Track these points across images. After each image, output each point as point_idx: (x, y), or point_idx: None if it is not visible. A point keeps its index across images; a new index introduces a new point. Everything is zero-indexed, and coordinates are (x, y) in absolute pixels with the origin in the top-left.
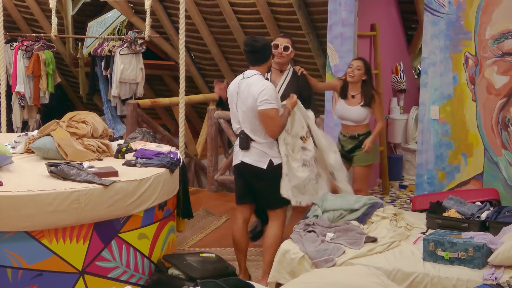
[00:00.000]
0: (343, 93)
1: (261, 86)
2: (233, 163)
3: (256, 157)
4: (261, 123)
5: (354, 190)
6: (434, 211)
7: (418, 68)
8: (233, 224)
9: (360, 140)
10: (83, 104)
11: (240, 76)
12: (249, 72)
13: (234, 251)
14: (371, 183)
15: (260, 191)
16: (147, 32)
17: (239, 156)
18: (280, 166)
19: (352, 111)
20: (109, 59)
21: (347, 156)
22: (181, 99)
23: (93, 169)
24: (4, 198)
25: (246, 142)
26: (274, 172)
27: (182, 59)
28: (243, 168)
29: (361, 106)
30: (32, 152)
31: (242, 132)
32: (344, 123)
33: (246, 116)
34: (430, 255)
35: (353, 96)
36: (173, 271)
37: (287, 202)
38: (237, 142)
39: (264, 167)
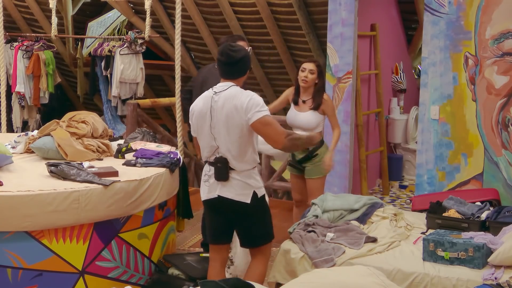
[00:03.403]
0: (295, 99)
1: (246, 96)
2: (204, 197)
3: (238, 189)
4: (262, 135)
5: (309, 204)
6: (434, 211)
7: (418, 68)
8: (210, 267)
9: (311, 151)
10: (83, 104)
11: (208, 92)
12: (221, 85)
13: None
14: (371, 183)
15: (242, 229)
16: (147, 32)
17: (215, 189)
18: (264, 197)
19: (302, 117)
20: (109, 59)
21: (298, 167)
22: (178, 99)
23: (93, 169)
24: (4, 198)
25: (225, 172)
26: (259, 205)
27: (177, 59)
28: (221, 204)
29: (311, 111)
30: (32, 152)
31: (220, 160)
32: (295, 131)
33: (229, 137)
34: (430, 255)
35: (304, 102)
36: (173, 271)
37: (272, 236)
38: (207, 172)
39: (248, 201)
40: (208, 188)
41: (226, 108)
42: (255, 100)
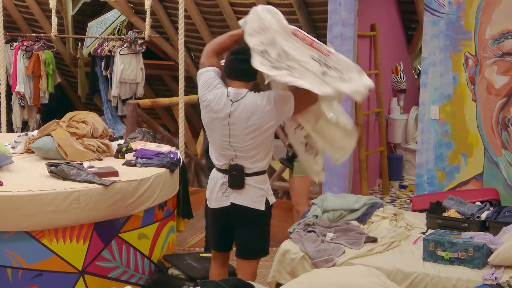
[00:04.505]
0: None
1: (267, 101)
2: (214, 206)
3: (252, 196)
4: (301, 105)
5: (292, 204)
6: (434, 211)
7: (418, 68)
8: (212, 268)
9: None
10: (83, 104)
11: (222, 101)
12: (236, 92)
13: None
14: (371, 183)
15: (247, 237)
16: (147, 32)
17: (228, 197)
18: (272, 206)
19: None
20: (109, 59)
21: (291, 166)
22: (181, 99)
23: (93, 169)
24: (4, 198)
25: (241, 180)
26: (269, 214)
27: (181, 59)
28: (232, 212)
29: None
30: (32, 152)
31: (235, 167)
32: None
33: (253, 146)
34: (430, 255)
35: None
36: (173, 271)
37: (267, 252)
38: (222, 180)
39: (263, 208)
40: (221, 197)
41: (252, 120)
42: (277, 97)
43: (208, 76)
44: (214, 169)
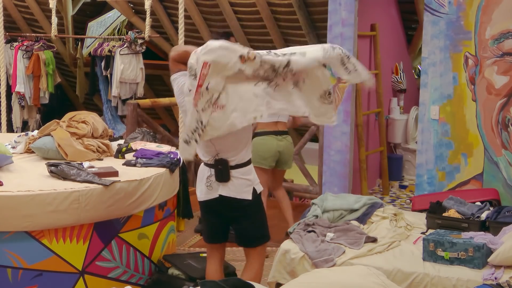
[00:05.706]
0: None
1: None
2: (203, 198)
3: (239, 187)
4: None
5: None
6: (434, 211)
7: (418, 68)
8: (208, 265)
9: None
10: (82, 104)
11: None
12: None
13: (233, 251)
14: (371, 183)
15: (242, 227)
16: (147, 32)
17: (216, 190)
18: (261, 194)
19: None
20: (109, 59)
21: None
22: None
23: (93, 169)
24: (4, 198)
25: (226, 173)
26: (258, 203)
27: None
28: (221, 203)
29: None
30: (32, 152)
31: (220, 162)
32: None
33: (231, 138)
34: (430, 255)
35: None
36: (173, 271)
37: (268, 238)
38: (207, 174)
39: (250, 197)
40: (208, 190)
41: None
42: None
43: (180, 82)
44: (202, 163)
